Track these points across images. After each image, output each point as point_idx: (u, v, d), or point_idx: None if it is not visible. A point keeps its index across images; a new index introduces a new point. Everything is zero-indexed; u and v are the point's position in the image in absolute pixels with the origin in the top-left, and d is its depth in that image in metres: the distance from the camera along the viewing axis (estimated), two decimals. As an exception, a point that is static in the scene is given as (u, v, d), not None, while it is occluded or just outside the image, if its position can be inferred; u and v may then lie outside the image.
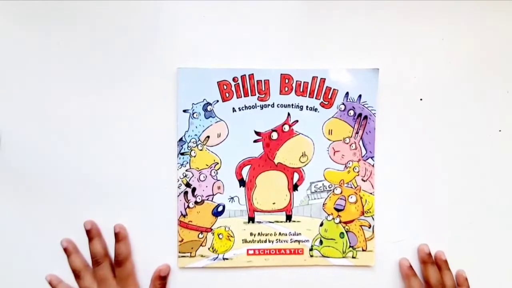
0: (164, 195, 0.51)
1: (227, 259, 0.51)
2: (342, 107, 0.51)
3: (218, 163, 0.51)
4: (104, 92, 0.51)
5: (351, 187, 0.52)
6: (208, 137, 0.51)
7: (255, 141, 0.51)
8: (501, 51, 0.53)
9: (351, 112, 0.51)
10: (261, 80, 0.51)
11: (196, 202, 0.51)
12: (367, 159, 0.52)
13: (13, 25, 0.50)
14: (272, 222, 0.52)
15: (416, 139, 0.52)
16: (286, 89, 0.51)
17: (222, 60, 0.51)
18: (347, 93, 0.51)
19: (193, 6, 0.51)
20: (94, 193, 0.51)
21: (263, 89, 0.51)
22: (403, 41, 0.52)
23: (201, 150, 0.51)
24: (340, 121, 0.51)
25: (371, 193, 0.52)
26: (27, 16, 0.50)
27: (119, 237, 0.50)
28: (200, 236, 0.51)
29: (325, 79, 0.51)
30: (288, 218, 0.52)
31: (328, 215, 0.52)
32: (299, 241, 0.52)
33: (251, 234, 0.52)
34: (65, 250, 0.51)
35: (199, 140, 0.51)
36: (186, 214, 0.51)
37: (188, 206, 0.51)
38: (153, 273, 0.51)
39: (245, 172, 0.51)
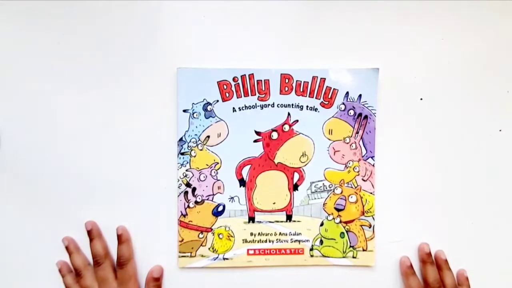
0: (164, 195, 0.51)
1: (227, 259, 0.51)
2: (342, 106, 0.51)
3: (218, 163, 0.51)
4: (104, 92, 0.51)
5: (352, 187, 0.52)
6: (208, 137, 0.51)
7: (255, 141, 0.51)
8: (501, 51, 0.53)
9: (351, 112, 0.51)
10: (261, 80, 0.51)
11: (196, 202, 0.51)
12: (367, 159, 0.52)
13: (13, 25, 0.51)
14: (273, 222, 0.52)
15: (416, 139, 0.52)
16: (286, 89, 0.51)
17: (222, 60, 0.51)
18: (347, 93, 0.51)
19: (193, 6, 0.51)
20: (95, 193, 0.51)
21: (263, 89, 0.51)
22: (403, 41, 0.52)
23: (201, 150, 0.51)
24: (340, 120, 0.51)
25: (371, 193, 0.52)
26: (27, 16, 0.51)
27: (121, 239, 0.50)
28: (200, 236, 0.51)
29: (325, 79, 0.51)
30: (289, 218, 0.52)
31: (329, 215, 0.52)
32: (299, 241, 0.52)
33: (251, 234, 0.52)
34: (67, 248, 0.51)
35: (199, 140, 0.51)
36: (186, 214, 0.51)
37: (188, 206, 0.51)
38: (147, 275, 0.51)
39: (245, 172, 0.51)
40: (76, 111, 0.51)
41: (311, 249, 0.52)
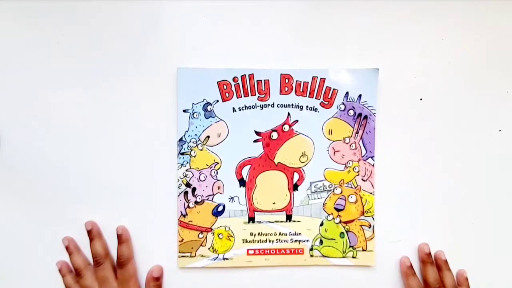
0: (164, 195, 0.51)
1: (227, 259, 0.51)
2: (342, 107, 0.51)
3: (218, 163, 0.51)
4: (104, 92, 0.51)
5: (351, 187, 0.52)
6: (208, 137, 0.51)
7: (255, 141, 0.51)
8: (501, 51, 0.53)
9: (351, 112, 0.51)
10: (261, 80, 0.51)
11: (196, 202, 0.51)
12: (367, 159, 0.52)
13: (13, 25, 0.51)
14: (272, 222, 0.52)
15: (416, 139, 0.52)
16: (286, 89, 0.51)
17: (222, 60, 0.51)
18: (347, 93, 0.51)
19: (193, 6, 0.51)
20: (95, 193, 0.51)
21: (263, 89, 0.51)
22: (403, 41, 0.52)
23: (201, 150, 0.51)
24: (340, 121, 0.51)
25: (371, 193, 0.52)
26: (27, 16, 0.50)
27: (121, 239, 0.50)
28: (200, 236, 0.51)
29: (325, 79, 0.51)
30: (288, 218, 0.52)
31: (328, 215, 0.52)
32: (299, 241, 0.52)
33: (251, 234, 0.52)
34: (67, 248, 0.51)
35: (199, 140, 0.51)
36: (186, 214, 0.51)
37: (188, 206, 0.51)
38: (147, 275, 0.51)
39: (245, 172, 0.51)
40: (76, 111, 0.51)
41: (311, 249, 0.52)
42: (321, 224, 0.52)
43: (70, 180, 0.51)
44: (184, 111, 0.50)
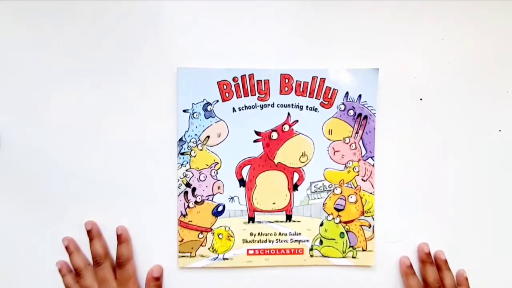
0: (164, 195, 0.51)
1: (227, 259, 0.51)
2: (342, 107, 0.51)
3: (218, 163, 0.51)
4: (104, 92, 0.51)
5: (351, 187, 0.52)
6: (208, 137, 0.51)
7: (255, 141, 0.51)
8: (501, 51, 0.53)
9: (351, 112, 0.51)
10: (261, 80, 0.51)
11: (196, 202, 0.51)
12: (367, 159, 0.52)
13: (13, 25, 0.51)
14: (272, 222, 0.52)
15: (416, 139, 0.52)
16: (286, 89, 0.51)
17: (222, 60, 0.51)
18: (347, 93, 0.51)
19: (193, 6, 0.51)
20: (95, 193, 0.51)
21: (263, 89, 0.51)
22: (403, 41, 0.52)
23: (201, 150, 0.51)
24: (340, 121, 0.51)
25: (371, 193, 0.52)
26: (27, 16, 0.50)
27: (121, 239, 0.50)
28: (200, 236, 0.51)
29: (325, 79, 0.51)
30: (288, 218, 0.52)
31: (328, 215, 0.52)
32: (299, 241, 0.52)
33: (251, 234, 0.52)
34: (67, 248, 0.51)
35: (199, 140, 0.51)
36: (186, 214, 0.51)
37: (188, 206, 0.51)
38: (147, 275, 0.51)
39: (245, 172, 0.51)
40: (76, 111, 0.51)
41: (311, 249, 0.52)
42: (321, 224, 0.52)
43: (70, 180, 0.51)
44: (184, 111, 0.50)
